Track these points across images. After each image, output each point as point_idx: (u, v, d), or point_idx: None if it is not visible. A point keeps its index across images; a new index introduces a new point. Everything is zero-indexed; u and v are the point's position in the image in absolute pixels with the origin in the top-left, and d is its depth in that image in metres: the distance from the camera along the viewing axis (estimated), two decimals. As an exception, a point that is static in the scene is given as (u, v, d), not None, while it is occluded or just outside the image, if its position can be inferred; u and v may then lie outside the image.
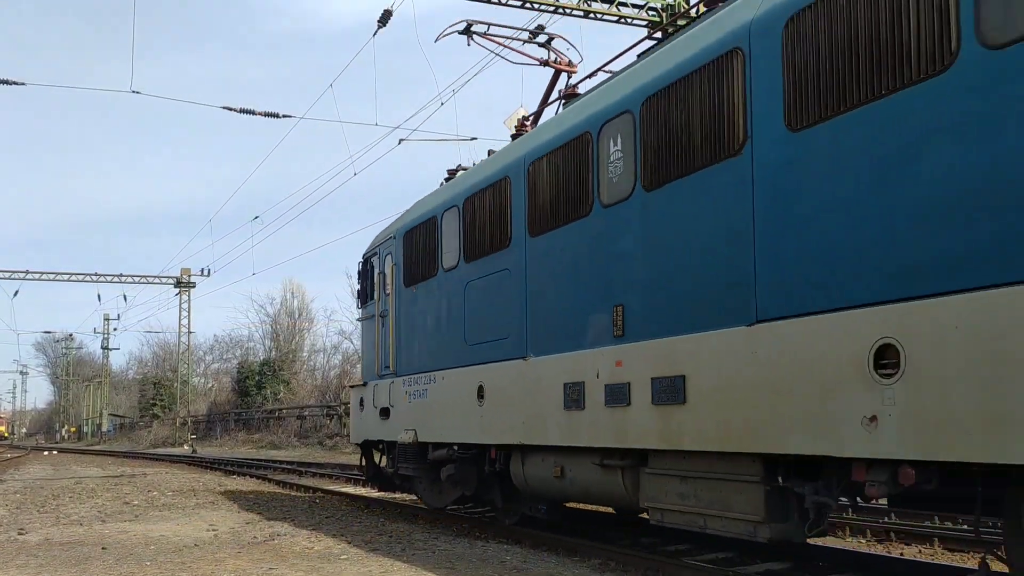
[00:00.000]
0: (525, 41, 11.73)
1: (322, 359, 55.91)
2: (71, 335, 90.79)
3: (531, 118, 10.73)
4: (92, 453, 46.36)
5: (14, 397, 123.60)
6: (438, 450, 10.44)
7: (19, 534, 10.24)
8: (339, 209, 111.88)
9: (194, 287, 56.52)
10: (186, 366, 61.67)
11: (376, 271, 12.44)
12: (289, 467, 24.33)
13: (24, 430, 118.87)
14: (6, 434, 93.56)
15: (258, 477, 21.11)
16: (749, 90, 5.84)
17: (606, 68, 9.26)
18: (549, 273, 8.13)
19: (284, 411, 48.15)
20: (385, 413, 11.82)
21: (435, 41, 12.34)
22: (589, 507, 10.66)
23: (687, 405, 6.28)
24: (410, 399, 11.04)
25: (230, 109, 18.98)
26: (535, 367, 8.28)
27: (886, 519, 10.17)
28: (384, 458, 12.40)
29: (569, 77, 11.06)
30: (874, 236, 4.88)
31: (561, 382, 7.79)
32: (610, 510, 8.72)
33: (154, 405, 65.25)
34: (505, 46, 11.65)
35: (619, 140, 7.20)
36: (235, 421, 50.19)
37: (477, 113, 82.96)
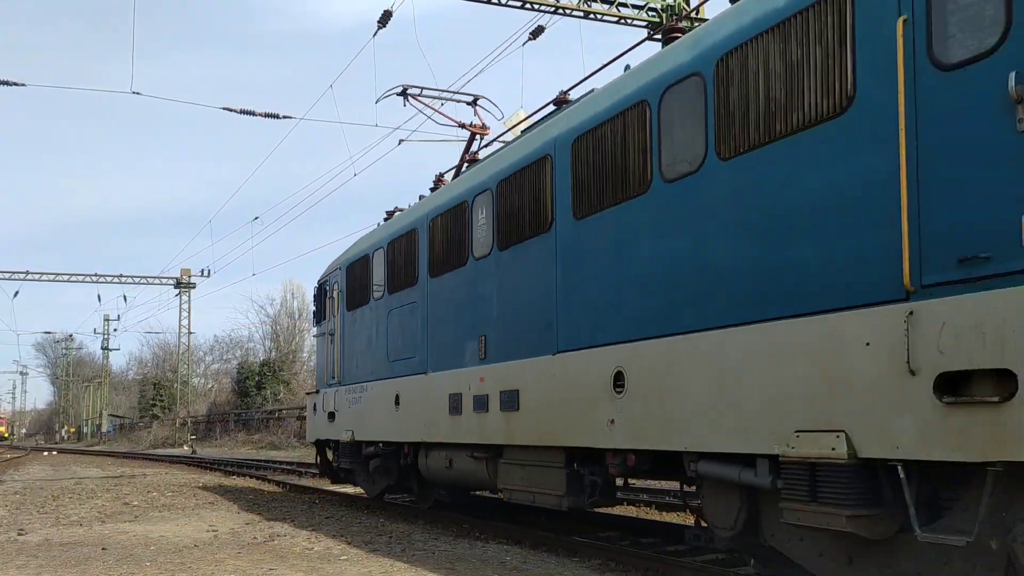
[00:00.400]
0: (456, 101, 13.84)
1: (322, 360, 55.98)
2: (71, 336, 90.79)
3: (452, 171, 12.58)
4: (92, 454, 46.37)
5: (14, 398, 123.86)
6: (368, 447, 12.68)
7: (19, 534, 10.24)
8: (339, 210, 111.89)
9: (194, 288, 56.54)
10: (186, 367, 61.69)
11: (327, 296, 14.56)
12: (289, 468, 24.32)
13: (24, 431, 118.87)
14: (6, 435, 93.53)
15: (258, 478, 21.10)
16: (554, 185, 8.14)
17: (501, 138, 11.45)
18: (442, 307, 10.34)
19: (284, 412, 48.10)
20: (332, 417, 13.95)
21: (376, 102, 14.45)
22: (492, 495, 11.95)
23: (520, 412, 8.46)
24: (350, 405, 13.19)
25: (230, 110, 18.97)
26: (432, 381, 10.38)
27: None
28: (332, 454, 14.55)
29: (481, 139, 12.92)
30: (613, 298, 7.20)
31: (447, 392, 9.89)
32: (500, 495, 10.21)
33: (154, 406, 65.25)
34: (435, 109, 13.66)
35: (484, 210, 9.43)
36: (235, 422, 50.19)
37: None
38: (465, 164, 12.02)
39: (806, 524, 5.36)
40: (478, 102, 13.38)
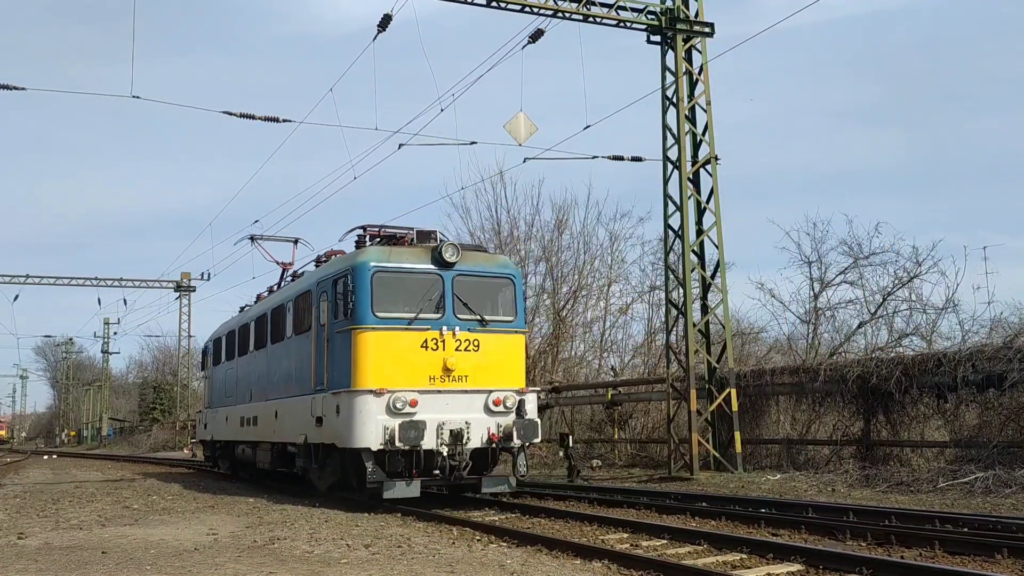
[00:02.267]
0: (283, 241, 21.68)
1: (322, 363, 55.85)
2: (71, 339, 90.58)
3: (272, 287, 19.77)
4: (92, 457, 46.33)
5: (14, 401, 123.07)
6: (218, 444, 22.80)
7: (19, 538, 10.23)
8: (339, 213, 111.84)
9: (194, 291, 56.62)
10: (186, 370, 61.66)
11: (207, 355, 24.62)
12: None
13: (24, 434, 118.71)
14: (6, 438, 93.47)
15: (258, 481, 21.07)
16: (267, 328, 17.49)
17: (298, 273, 17.99)
18: (240, 373, 19.78)
19: (284, 415, 47.82)
20: (205, 427, 24.39)
21: (234, 244, 29.76)
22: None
23: (258, 426, 17.54)
24: (212, 420, 23.28)
25: (230, 113, 18.92)
26: (236, 409, 19.85)
27: (886, 523, 10.18)
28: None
29: (287, 269, 19.70)
30: (276, 381, 16.63)
31: (240, 416, 19.31)
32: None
33: (154, 409, 65.18)
34: (267, 251, 21.24)
35: (251, 331, 18.78)
36: (235, 425, 50.06)
37: (478, 115, 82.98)
38: (268, 291, 19.63)
39: (303, 466, 14.69)
40: (298, 242, 21.01)
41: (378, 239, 14.26)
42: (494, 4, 17.35)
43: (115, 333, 69.64)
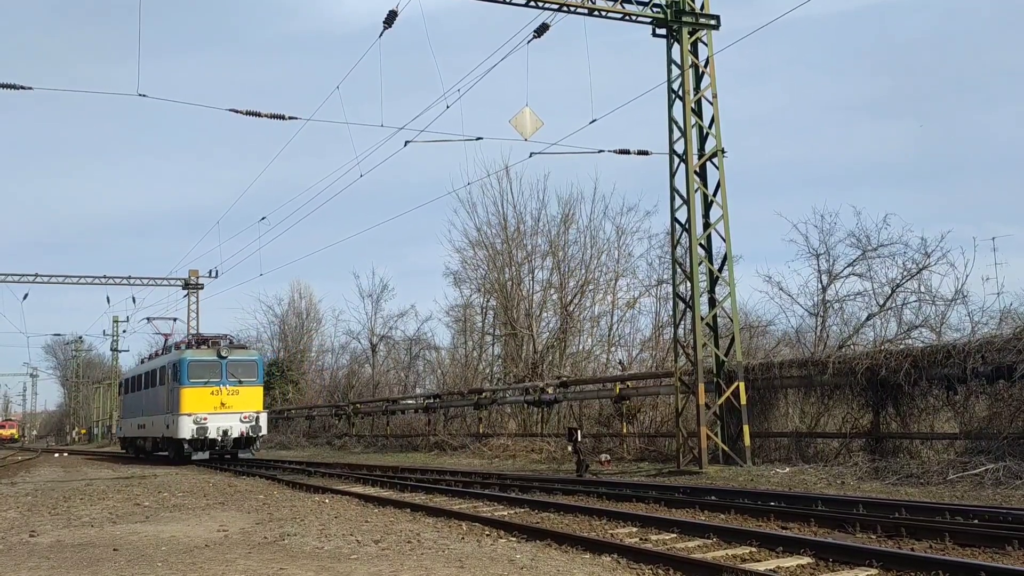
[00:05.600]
0: (169, 320, 41.92)
1: (330, 359, 55.94)
2: (80, 337, 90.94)
3: (158, 350, 36.76)
4: (102, 455, 46.54)
5: (24, 400, 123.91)
6: (127, 438, 40.84)
7: (31, 536, 10.29)
8: (346, 210, 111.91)
9: (202, 288, 56.59)
10: (195, 367, 61.62)
11: (121, 387, 44.40)
12: (298, 467, 24.39)
13: (35, 432, 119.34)
14: (17, 437, 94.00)
15: (268, 478, 21.15)
16: (159, 376, 32.27)
17: (177, 344, 33.20)
18: (139, 399, 36.69)
19: (293, 411, 48.21)
20: (121, 429, 44.29)
21: (142, 321, 56.47)
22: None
23: (147, 428, 34.43)
24: (125, 425, 41.40)
25: (236, 111, 18.95)
26: (137, 419, 36.78)
27: (896, 515, 10.17)
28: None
29: (168, 339, 35.74)
30: (164, 403, 30.95)
31: (138, 423, 36.36)
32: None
33: (163, 406, 65.36)
34: (157, 327, 47.12)
35: (143, 379, 35.77)
36: (244, 422, 50.35)
37: (484, 111, 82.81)
38: (159, 353, 34.15)
39: (162, 448, 32.34)
40: (176, 320, 40.53)
41: (196, 342, 30.20)
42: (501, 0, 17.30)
43: (124, 331, 69.90)
